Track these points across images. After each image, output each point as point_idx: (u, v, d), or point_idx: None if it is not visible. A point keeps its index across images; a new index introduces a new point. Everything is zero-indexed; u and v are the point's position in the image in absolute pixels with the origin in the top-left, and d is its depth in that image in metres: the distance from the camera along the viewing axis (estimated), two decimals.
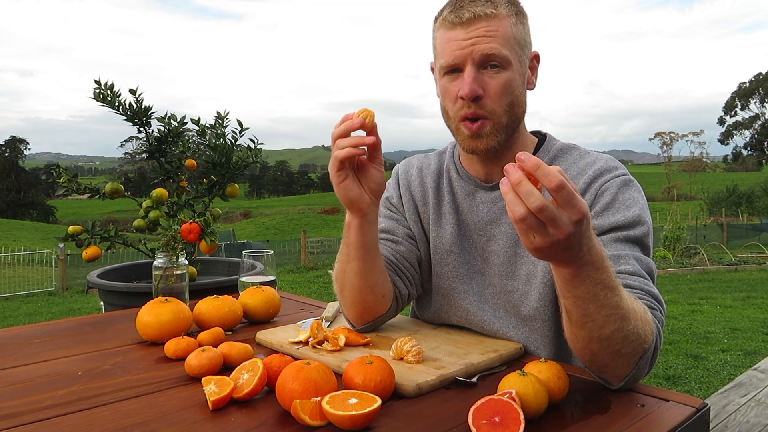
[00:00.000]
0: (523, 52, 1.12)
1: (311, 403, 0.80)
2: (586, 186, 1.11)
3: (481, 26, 1.07)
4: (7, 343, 1.22)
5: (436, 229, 1.27)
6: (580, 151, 1.19)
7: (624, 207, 1.07)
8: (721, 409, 2.01)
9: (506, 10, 1.09)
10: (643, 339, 0.89)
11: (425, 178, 1.31)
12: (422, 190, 1.31)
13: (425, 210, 1.30)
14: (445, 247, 1.24)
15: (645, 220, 1.07)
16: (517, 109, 1.12)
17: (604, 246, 1.00)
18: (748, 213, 29.92)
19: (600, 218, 1.07)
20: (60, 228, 32.63)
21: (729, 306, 6.91)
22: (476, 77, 1.08)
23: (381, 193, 1.11)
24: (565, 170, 1.11)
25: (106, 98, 2.03)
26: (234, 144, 2.19)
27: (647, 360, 0.92)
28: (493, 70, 1.08)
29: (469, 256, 1.23)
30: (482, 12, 1.07)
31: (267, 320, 1.39)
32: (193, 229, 1.74)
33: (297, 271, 11.57)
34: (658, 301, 1.00)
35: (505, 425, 0.74)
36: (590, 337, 0.87)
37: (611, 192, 1.09)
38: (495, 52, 1.06)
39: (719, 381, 3.95)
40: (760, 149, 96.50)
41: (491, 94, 1.08)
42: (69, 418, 0.84)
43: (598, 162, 1.14)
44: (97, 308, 2.59)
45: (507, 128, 1.12)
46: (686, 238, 13.04)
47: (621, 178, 1.11)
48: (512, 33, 1.08)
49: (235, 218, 46.66)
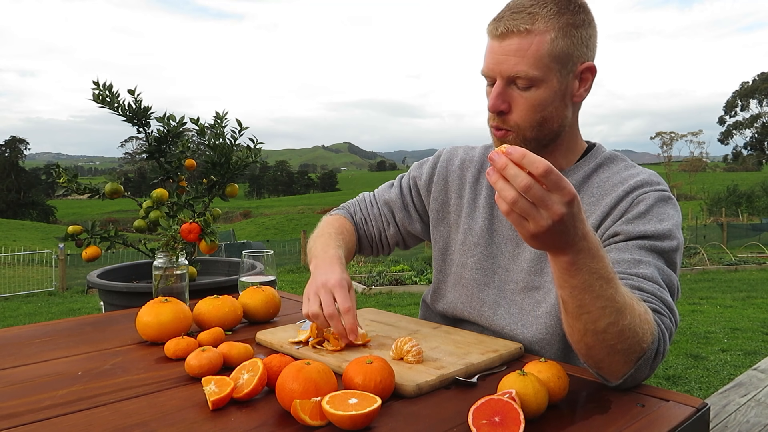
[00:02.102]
0: (565, 67, 1.09)
1: (311, 403, 0.80)
2: (624, 194, 1.12)
3: (513, 43, 1.07)
4: (7, 343, 1.22)
5: (468, 221, 1.30)
6: (626, 162, 1.21)
7: (656, 220, 1.07)
8: (721, 409, 2.01)
9: (547, 24, 1.06)
10: (641, 338, 0.89)
11: (465, 171, 1.35)
12: (460, 182, 1.34)
13: (459, 202, 1.34)
14: (474, 240, 1.27)
15: (676, 236, 1.07)
16: (551, 123, 1.12)
17: (627, 250, 1.04)
18: (748, 213, 29.91)
19: (630, 225, 1.07)
20: (60, 228, 32.64)
21: (729, 306, 6.91)
22: (502, 92, 1.10)
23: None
24: (607, 178, 1.16)
25: (105, 99, 2.03)
26: (234, 144, 2.19)
27: (647, 361, 0.92)
28: (522, 88, 1.09)
29: (497, 250, 1.25)
30: (516, 28, 1.06)
31: (267, 320, 1.39)
32: (193, 229, 1.74)
33: (297, 271, 11.58)
34: (669, 309, 0.98)
35: (505, 425, 0.74)
36: (585, 329, 0.88)
37: (647, 203, 1.09)
38: (521, 74, 1.07)
39: (719, 381, 3.95)
40: (760, 149, 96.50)
41: (518, 110, 1.10)
42: (69, 418, 0.84)
43: (641, 175, 1.15)
44: (97, 308, 2.59)
45: (536, 140, 1.13)
46: (686, 238, 13.04)
47: (660, 192, 1.11)
48: (548, 50, 1.06)
49: (235, 218, 46.66)
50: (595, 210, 1.14)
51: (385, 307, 6.99)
